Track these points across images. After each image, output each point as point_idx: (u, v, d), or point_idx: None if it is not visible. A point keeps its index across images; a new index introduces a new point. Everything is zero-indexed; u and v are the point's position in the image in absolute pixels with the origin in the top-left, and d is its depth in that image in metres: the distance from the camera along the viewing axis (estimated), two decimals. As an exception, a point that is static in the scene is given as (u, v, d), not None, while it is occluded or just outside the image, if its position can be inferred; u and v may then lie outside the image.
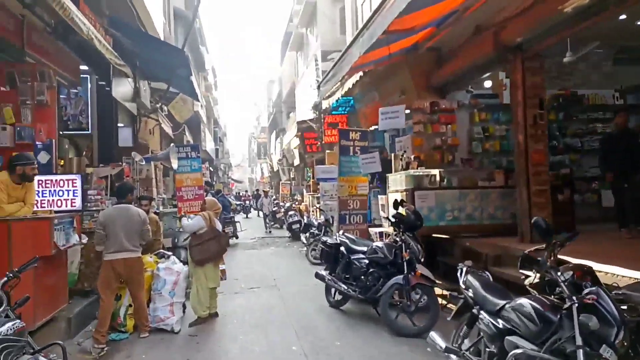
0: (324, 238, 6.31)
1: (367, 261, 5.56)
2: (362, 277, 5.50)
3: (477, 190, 6.84)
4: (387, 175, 8.22)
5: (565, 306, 2.43)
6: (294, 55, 22.25)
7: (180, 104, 16.08)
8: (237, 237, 14.04)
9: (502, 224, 6.82)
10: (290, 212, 15.07)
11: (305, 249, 11.70)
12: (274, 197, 22.19)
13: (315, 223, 10.56)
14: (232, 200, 16.89)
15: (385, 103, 10.08)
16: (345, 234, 6.63)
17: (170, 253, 6.26)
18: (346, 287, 5.61)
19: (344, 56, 6.66)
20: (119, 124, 11.21)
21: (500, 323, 2.85)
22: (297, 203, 18.45)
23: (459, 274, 3.63)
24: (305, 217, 11.84)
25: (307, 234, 11.07)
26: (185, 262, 7.13)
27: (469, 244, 6.37)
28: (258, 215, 26.69)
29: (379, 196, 8.98)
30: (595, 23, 5.16)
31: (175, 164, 9.84)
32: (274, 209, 17.28)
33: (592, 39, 7.18)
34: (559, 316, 2.46)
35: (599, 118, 8.35)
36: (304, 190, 20.63)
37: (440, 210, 6.78)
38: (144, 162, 9.58)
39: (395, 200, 5.51)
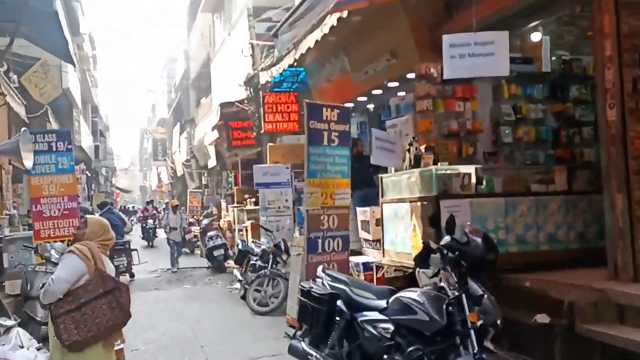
0: (307, 285, 4.42)
1: (390, 327, 3.80)
2: (386, 356, 3.73)
3: (531, 199, 5.39)
4: (377, 175, 6.59)
5: None
6: (208, 18, 19.97)
7: (41, 75, 13.30)
8: (132, 276, 11.55)
9: (565, 251, 5.45)
10: (210, 233, 12.92)
11: (237, 285, 9.71)
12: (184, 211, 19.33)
13: (257, 250, 8.61)
14: (123, 217, 13.97)
15: (360, 73, 8.51)
16: (329, 271, 4.83)
17: (11, 322, 4.00)
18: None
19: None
20: None
21: None
22: (215, 219, 16.28)
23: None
24: (240, 241, 9.81)
25: (243, 267, 9.08)
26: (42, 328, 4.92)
27: (529, 284, 4.87)
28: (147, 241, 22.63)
29: (359, 209, 7.34)
30: None
31: (28, 161, 7.39)
32: (184, 228, 14.64)
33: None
34: None
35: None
36: (222, 202, 18.48)
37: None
38: (-28, 158, 7.02)
39: (451, 216, 3.83)
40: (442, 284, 3.80)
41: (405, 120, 6.75)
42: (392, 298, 3.94)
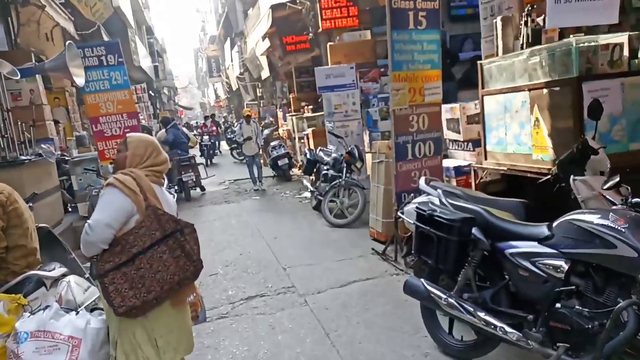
0: (425, 207, 3.01)
1: (562, 264, 2.42)
2: (559, 305, 2.39)
3: None
4: (478, 63, 4.89)
5: None
6: None
7: (90, -9, 11.71)
8: (203, 189, 10.52)
9: None
10: (273, 143, 11.68)
11: (306, 194, 8.59)
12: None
13: (328, 159, 7.27)
14: (187, 132, 12.38)
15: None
16: (437, 184, 3.43)
17: (58, 272, 2.87)
18: (520, 335, 2.50)
19: None
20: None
21: None
22: (275, 129, 14.99)
23: None
24: (307, 150, 8.46)
25: (313, 177, 7.85)
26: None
27: None
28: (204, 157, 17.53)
29: (443, 106, 5.75)
30: None
31: (80, 78, 6.14)
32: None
33: None
34: None
35: None
36: (278, 112, 17.05)
37: (635, 121, 3.64)
38: (19, 76, 5.81)
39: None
40: (636, 199, 2.36)
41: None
42: (559, 222, 2.52)
